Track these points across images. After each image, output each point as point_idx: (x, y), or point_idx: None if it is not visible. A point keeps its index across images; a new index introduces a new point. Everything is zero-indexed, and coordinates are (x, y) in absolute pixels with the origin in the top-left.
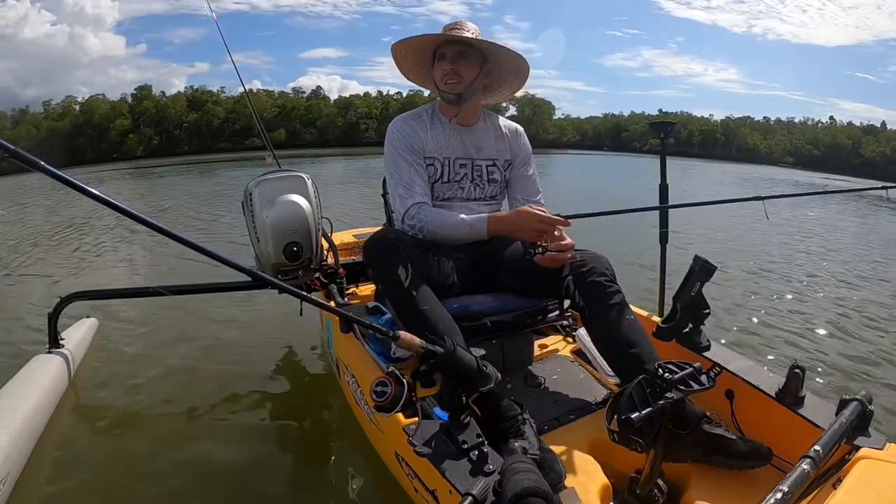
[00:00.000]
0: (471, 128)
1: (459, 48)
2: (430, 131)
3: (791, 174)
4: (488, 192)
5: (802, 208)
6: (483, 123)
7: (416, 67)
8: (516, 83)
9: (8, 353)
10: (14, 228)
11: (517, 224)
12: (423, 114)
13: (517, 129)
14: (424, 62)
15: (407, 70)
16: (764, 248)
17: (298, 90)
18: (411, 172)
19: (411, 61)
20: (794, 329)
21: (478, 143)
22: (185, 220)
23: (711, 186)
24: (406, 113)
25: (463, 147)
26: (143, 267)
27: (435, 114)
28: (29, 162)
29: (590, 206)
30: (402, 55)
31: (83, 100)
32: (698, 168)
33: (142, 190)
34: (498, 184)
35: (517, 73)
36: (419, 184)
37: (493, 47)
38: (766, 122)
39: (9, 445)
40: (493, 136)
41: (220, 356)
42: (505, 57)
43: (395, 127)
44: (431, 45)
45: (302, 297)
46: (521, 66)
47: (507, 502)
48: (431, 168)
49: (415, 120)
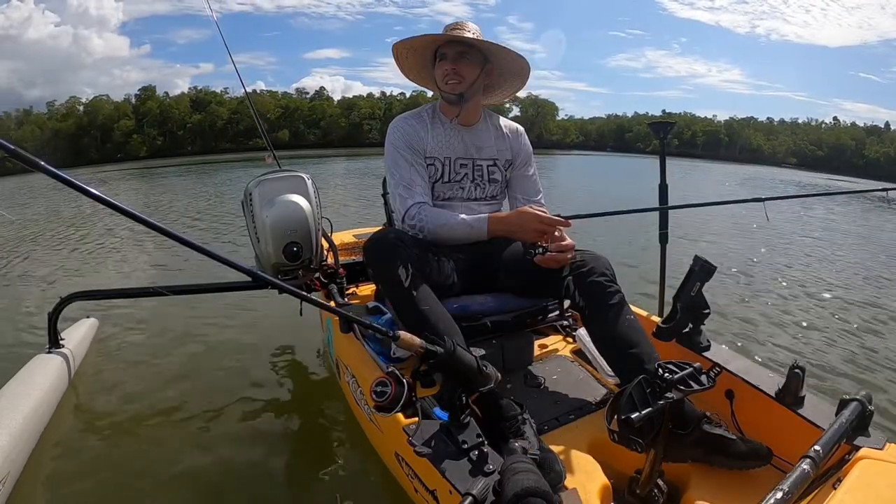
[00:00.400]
0: (471, 128)
1: (460, 48)
2: (430, 131)
3: (794, 175)
4: (489, 192)
5: (805, 209)
6: (484, 123)
7: (416, 67)
8: (517, 83)
9: (8, 353)
10: (14, 228)
11: (518, 224)
12: (424, 114)
13: (518, 129)
14: (425, 62)
15: (408, 69)
16: (760, 248)
17: (302, 91)
18: (412, 172)
19: (412, 61)
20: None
21: (478, 143)
22: (188, 220)
23: (712, 187)
24: (406, 113)
25: (464, 147)
26: (144, 267)
27: (436, 113)
28: (29, 162)
29: (593, 207)
30: (403, 55)
31: (87, 100)
32: (700, 169)
33: (146, 189)
34: (499, 184)
35: (518, 73)
36: (419, 183)
37: (494, 47)
38: (769, 122)
39: (9, 445)
40: (494, 136)
41: (219, 356)
42: (506, 57)
43: (396, 126)
44: (432, 45)
45: (302, 297)
46: (522, 66)
47: (507, 502)
48: (432, 168)
49: (415, 119)
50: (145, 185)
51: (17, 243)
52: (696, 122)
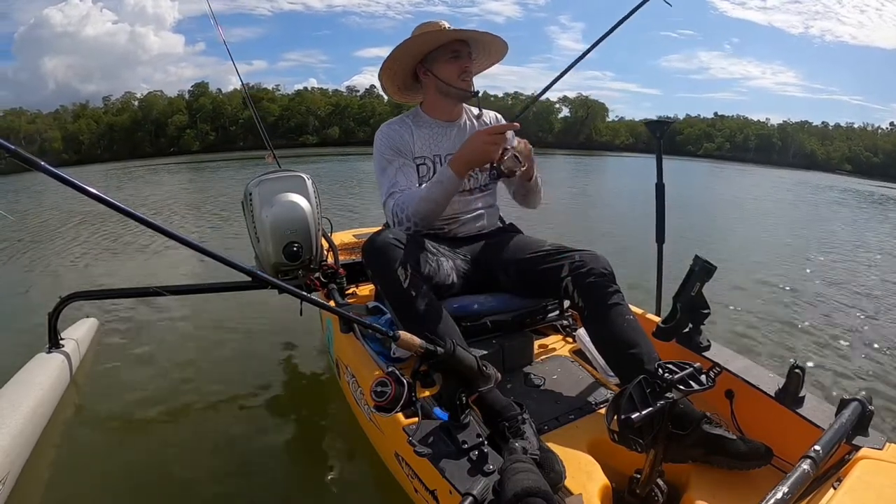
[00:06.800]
0: (455, 123)
1: (467, 47)
2: (415, 133)
3: (847, 182)
4: (481, 181)
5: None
6: (465, 116)
7: (402, 74)
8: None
9: (8, 352)
10: (15, 228)
11: (471, 148)
12: (407, 119)
13: (497, 115)
14: (408, 73)
15: (395, 87)
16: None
17: (353, 89)
18: (397, 174)
19: (398, 72)
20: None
21: (464, 136)
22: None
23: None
24: (389, 120)
25: (450, 142)
26: (144, 267)
27: (418, 116)
28: (29, 162)
29: (637, 205)
30: (392, 71)
31: (142, 96)
32: (753, 174)
33: (199, 182)
34: (488, 172)
35: (497, 56)
36: (404, 183)
37: (488, 38)
38: (824, 127)
39: (9, 445)
40: (478, 125)
41: (219, 356)
42: (500, 49)
43: (381, 133)
44: (424, 50)
45: (302, 297)
46: (503, 50)
47: (507, 502)
48: (423, 167)
49: (398, 124)
50: (199, 177)
51: (16, 243)
52: (748, 126)
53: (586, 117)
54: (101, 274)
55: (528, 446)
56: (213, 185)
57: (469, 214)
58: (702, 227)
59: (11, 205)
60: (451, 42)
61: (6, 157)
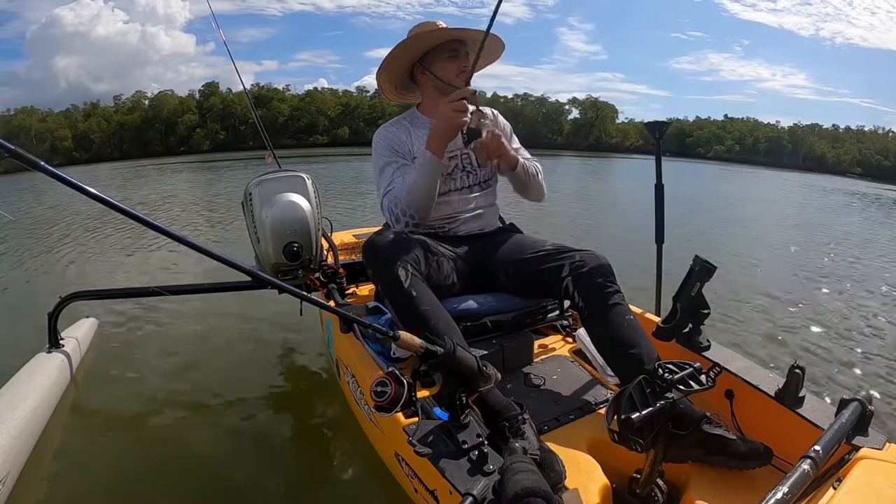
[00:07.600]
0: None
1: (465, 46)
2: (412, 134)
3: (856, 185)
4: (481, 176)
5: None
6: None
7: (400, 74)
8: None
9: (8, 352)
10: (15, 228)
11: (439, 122)
12: (403, 120)
13: (493, 112)
14: (407, 71)
15: (392, 87)
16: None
17: (362, 89)
18: (394, 175)
19: (398, 73)
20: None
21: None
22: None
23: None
24: (387, 122)
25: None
26: (144, 267)
27: (415, 116)
28: (29, 162)
29: (641, 208)
30: (390, 70)
31: (153, 95)
32: (762, 177)
33: (209, 178)
34: (487, 167)
35: (491, 54)
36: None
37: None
38: (834, 129)
39: (9, 445)
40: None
41: (219, 356)
42: (492, 47)
43: (378, 135)
44: (423, 49)
45: (302, 297)
46: (498, 49)
47: (507, 502)
48: None
49: (395, 126)
50: (210, 175)
51: (17, 242)
52: (759, 128)
53: (595, 118)
54: (101, 274)
55: (528, 446)
56: (214, 186)
57: (468, 213)
58: (702, 228)
59: (11, 205)
60: (448, 41)
61: (6, 157)
